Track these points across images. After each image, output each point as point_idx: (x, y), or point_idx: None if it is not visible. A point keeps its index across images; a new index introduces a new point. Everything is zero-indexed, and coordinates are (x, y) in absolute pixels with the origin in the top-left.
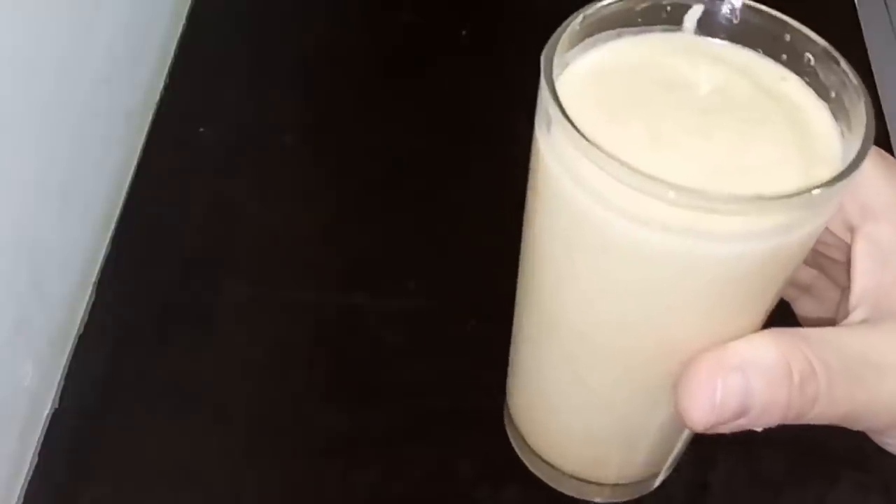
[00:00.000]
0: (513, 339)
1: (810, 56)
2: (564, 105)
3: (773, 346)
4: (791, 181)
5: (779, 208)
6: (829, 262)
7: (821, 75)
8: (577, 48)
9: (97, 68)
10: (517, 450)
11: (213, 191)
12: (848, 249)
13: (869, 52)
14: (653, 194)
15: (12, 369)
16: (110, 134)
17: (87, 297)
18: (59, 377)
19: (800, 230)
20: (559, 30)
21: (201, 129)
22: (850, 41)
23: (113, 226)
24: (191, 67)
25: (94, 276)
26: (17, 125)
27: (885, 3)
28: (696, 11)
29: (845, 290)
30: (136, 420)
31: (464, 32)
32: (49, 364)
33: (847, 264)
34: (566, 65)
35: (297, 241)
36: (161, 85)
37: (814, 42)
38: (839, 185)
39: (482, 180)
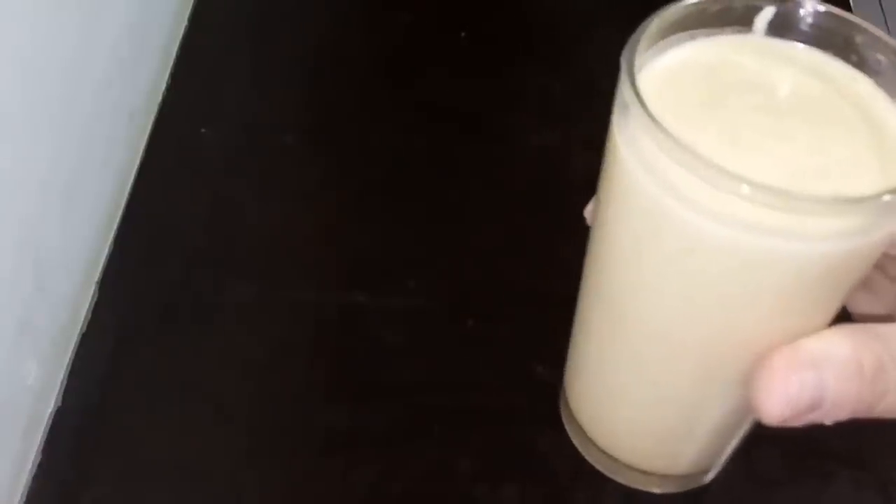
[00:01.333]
0: (574, 331)
1: (881, 58)
2: (644, 100)
3: (845, 342)
4: (868, 182)
5: (863, 210)
6: (886, 258)
7: (891, 76)
8: (651, 50)
9: (100, 70)
10: (572, 436)
11: (214, 191)
12: None
13: None
14: (739, 194)
15: (16, 368)
16: (113, 134)
17: (90, 297)
18: (62, 376)
19: (879, 230)
20: (636, 32)
21: (203, 130)
22: None
23: (116, 225)
24: (193, 68)
25: (96, 275)
26: (20, 126)
27: (881, 5)
28: (767, 13)
29: None
30: (139, 418)
31: (463, 33)
32: (52, 363)
33: None
34: (641, 67)
35: (298, 240)
36: (163, 86)
37: (885, 43)
38: None
39: (482, 180)
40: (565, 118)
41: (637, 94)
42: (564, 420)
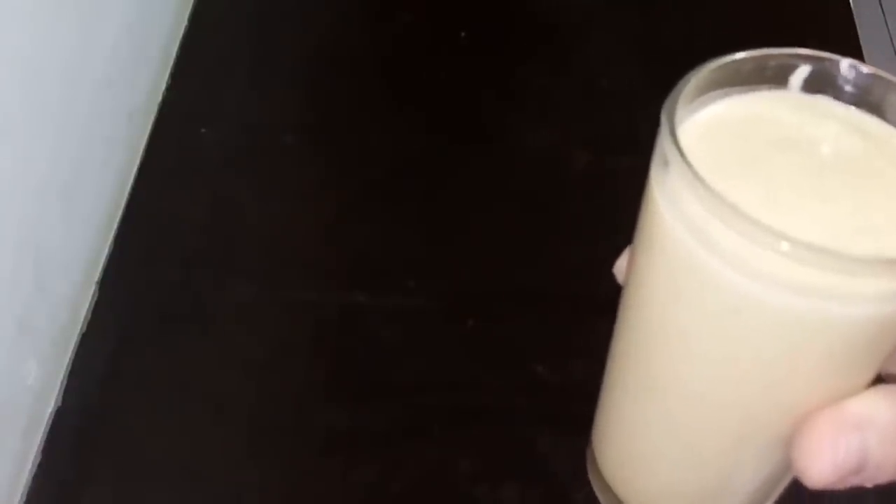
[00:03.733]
0: (603, 389)
1: None
2: (686, 155)
3: (887, 404)
4: None
5: None
6: None
7: None
8: (689, 107)
9: (100, 70)
10: (599, 494)
11: (214, 191)
12: None
13: (865, 56)
14: (786, 253)
15: (16, 368)
16: (113, 135)
17: (89, 297)
18: (62, 376)
19: None
20: (676, 88)
21: (203, 130)
22: (846, 44)
23: (115, 226)
24: (193, 69)
25: (96, 275)
26: (21, 126)
27: (881, 5)
28: (802, 71)
29: None
30: (138, 418)
31: (463, 33)
32: (52, 363)
33: None
34: (680, 122)
35: (298, 240)
36: (163, 86)
37: None
38: None
39: (482, 180)
40: (565, 118)
41: (679, 149)
42: (592, 479)
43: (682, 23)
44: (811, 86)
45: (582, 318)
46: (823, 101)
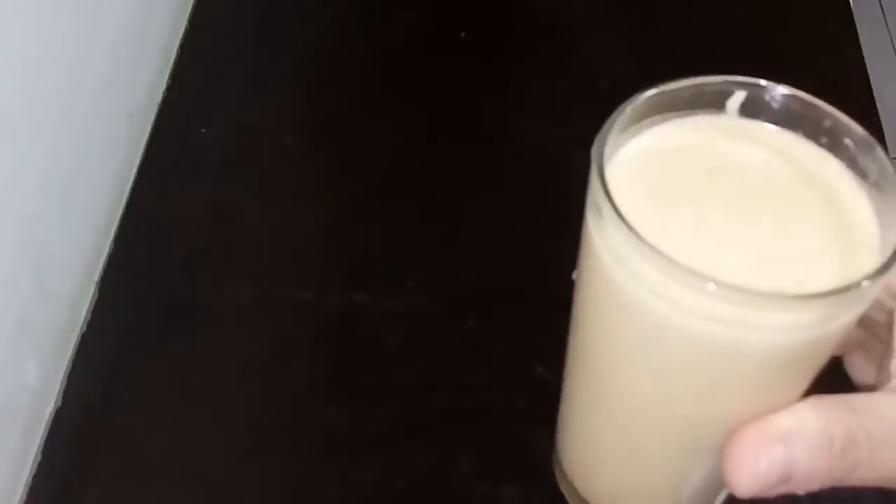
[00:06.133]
0: (562, 399)
1: (848, 142)
2: (613, 194)
3: (814, 416)
4: (831, 270)
5: (820, 304)
6: (875, 322)
7: (860, 160)
8: (625, 133)
9: (100, 70)
10: (565, 494)
11: (214, 191)
12: (892, 312)
13: (865, 56)
14: (699, 290)
15: (16, 368)
16: (113, 135)
17: (89, 296)
18: (62, 375)
19: (842, 319)
20: (609, 120)
21: (203, 130)
22: (846, 43)
23: (115, 225)
24: (192, 69)
25: (96, 275)
26: (20, 126)
27: (881, 5)
28: (738, 97)
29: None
30: (138, 418)
31: (463, 34)
32: (52, 362)
33: (892, 326)
34: (616, 150)
35: (298, 240)
36: (163, 86)
37: (851, 129)
38: (880, 279)
39: (482, 180)
40: (565, 118)
41: (606, 191)
42: (557, 477)
43: (682, 23)
44: (747, 111)
45: None
46: (759, 126)
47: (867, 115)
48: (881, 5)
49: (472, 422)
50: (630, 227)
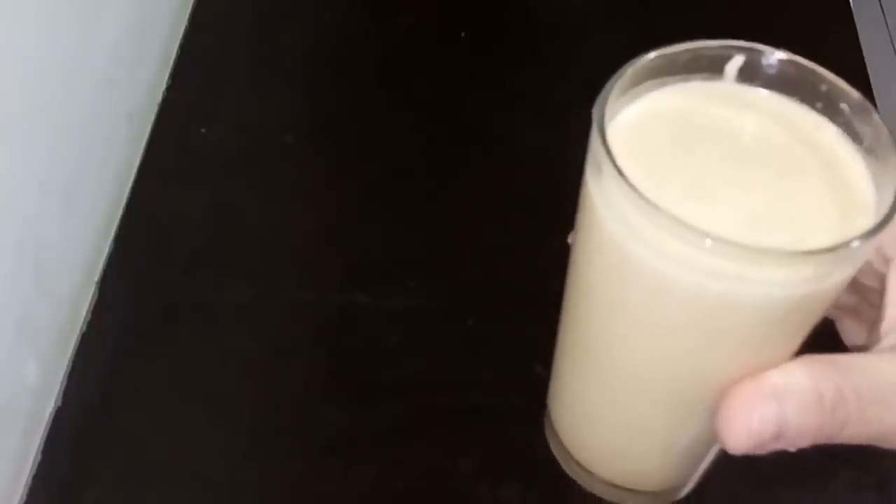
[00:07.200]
0: (555, 359)
1: (844, 106)
2: (614, 154)
3: (805, 374)
4: (827, 229)
5: (817, 261)
6: (868, 288)
7: (855, 124)
8: (624, 97)
9: (100, 70)
10: (556, 454)
11: (214, 191)
12: (884, 278)
13: (865, 56)
14: (697, 245)
15: (16, 367)
16: (113, 134)
17: (89, 296)
18: (62, 375)
19: (836, 276)
20: (610, 82)
21: (203, 130)
22: (846, 43)
23: (115, 225)
24: (193, 69)
25: (96, 275)
26: (21, 126)
27: (881, 5)
28: (736, 61)
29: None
30: (139, 417)
31: (463, 33)
32: (52, 362)
33: (883, 291)
34: (615, 113)
35: (298, 240)
36: (163, 86)
37: (846, 93)
38: (875, 237)
39: (482, 180)
40: (565, 118)
41: (607, 149)
42: (547, 435)
43: (681, 23)
44: (745, 75)
45: None
46: (755, 91)
47: None
48: (881, 5)
49: (472, 422)
50: (629, 183)
